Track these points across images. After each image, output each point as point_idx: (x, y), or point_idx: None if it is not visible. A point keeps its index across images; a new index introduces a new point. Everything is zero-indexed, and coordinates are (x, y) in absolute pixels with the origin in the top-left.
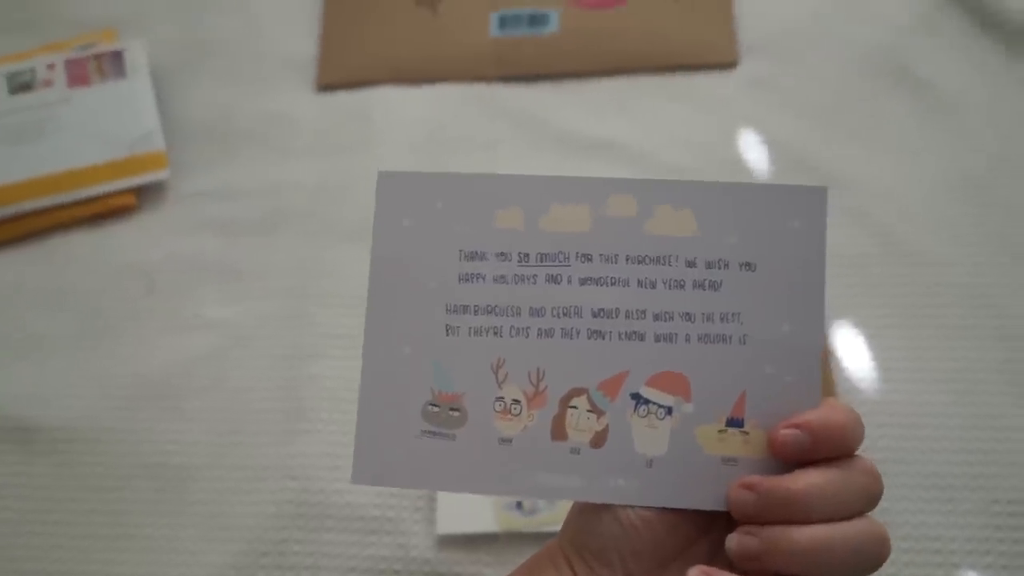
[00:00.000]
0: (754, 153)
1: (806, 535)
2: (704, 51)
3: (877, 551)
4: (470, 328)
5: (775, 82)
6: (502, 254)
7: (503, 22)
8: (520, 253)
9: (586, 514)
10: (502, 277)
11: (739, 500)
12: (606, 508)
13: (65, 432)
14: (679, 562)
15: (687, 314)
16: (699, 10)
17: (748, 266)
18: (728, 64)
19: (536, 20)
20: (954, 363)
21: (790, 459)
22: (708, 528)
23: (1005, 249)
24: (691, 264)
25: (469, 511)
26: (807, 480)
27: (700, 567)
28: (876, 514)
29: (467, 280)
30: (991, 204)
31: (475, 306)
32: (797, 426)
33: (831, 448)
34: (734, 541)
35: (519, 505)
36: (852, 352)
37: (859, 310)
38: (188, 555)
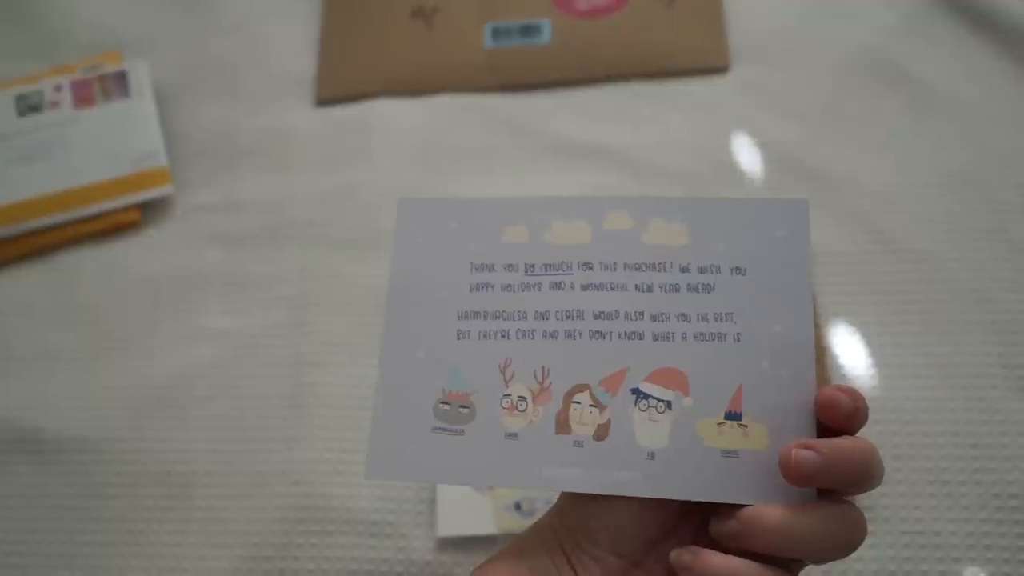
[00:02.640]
0: (748, 155)
1: (778, 514)
2: (696, 56)
3: (850, 534)
4: (480, 332)
5: (767, 85)
6: (510, 265)
7: (496, 33)
8: (526, 264)
9: (580, 499)
10: (509, 286)
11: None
12: (601, 495)
13: (73, 442)
14: (665, 543)
15: (683, 315)
16: (690, 16)
17: (739, 270)
18: (720, 69)
19: (529, 31)
20: (952, 358)
21: (798, 480)
22: (692, 512)
23: (999, 244)
24: (685, 269)
25: (468, 513)
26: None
27: (688, 547)
28: (878, 508)
29: (477, 289)
30: (984, 199)
31: (484, 312)
32: (811, 447)
33: (842, 480)
34: (716, 524)
35: (517, 506)
36: (849, 349)
37: (855, 307)
38: (194, 561)
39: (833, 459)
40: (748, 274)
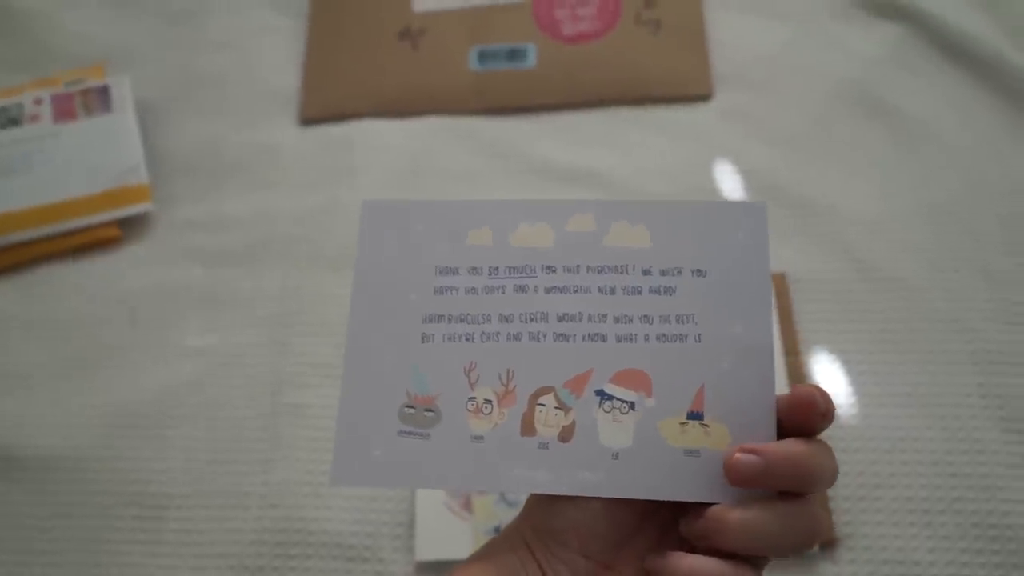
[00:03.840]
0: (730, 182)
1: (740, 513)
2: (680, 83)
3: (811, 529)
4: (444, 335)
5: (750, 112)
6: (474, 268)
7: (482, 57)
8: (490, 267)
9: (546, 500)
10: (473, 289)
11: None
12: (568, 496)
13: (46, 461)
14: (633, 543)
15: (645, 316)
16: (674, 43)
17: (699, 272)
18: (703, 96)
19: (515, 55)
20: (931, 387)
21: (741, 483)
22: (659, 511)
23: (978, 274)
24: (647, 272)
25: (447, 537)
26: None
27: (658, 552)
28: (858, 537)
29: (442, 292)
30: (963, 229)
31: (449, 315)
32: (754, 451)
33: (787, 482)
34: (687, 522)
35: (497, 530)
36: (828, 376)
37: (835, 335)
38: None
39: (776, 463)
40: (708, 276)
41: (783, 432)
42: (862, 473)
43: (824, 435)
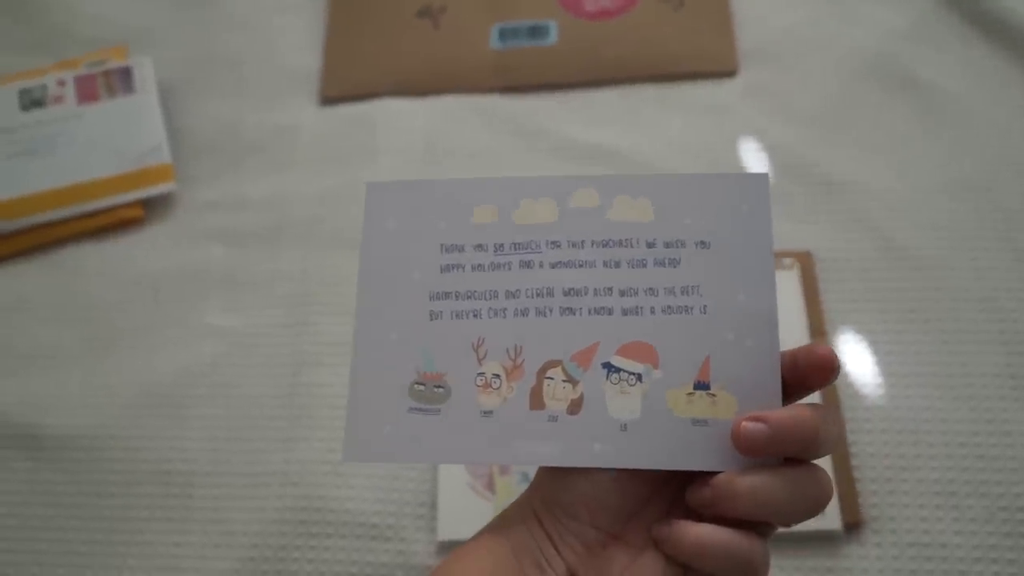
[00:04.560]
0: (755, 159)
1: (748, 480)
2: (704, 60)
3: (817, 496)
4: (452, 312)
5: (774, 89)
6: (479, 245)
7: (503, 34)
8: (495, 244)
9: (557, 473)
10: (480, 265)
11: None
12: (578, 468)
13: (72, 440)
14: (642, 514)
15: (650, 289)
16: (698, 19)
17: (703, 244)
18: (728, 72)
19: (536, 32)
20: (958, 368)
21: (749, 451)
22: (667, 482)
23: (1007, 252)
24: (651, 245)
25: (469, 516)
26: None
27: (664, 520)
28: (884, 519)
29: (448, 270)
30: (992, 206)
31: (456, 292)
32: (760, 419)
33: (794, 448)
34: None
35: None
36: (854, 356)
37: (861, 315)
38: (193, 560)
39: (782, 429)
40: (712, 247)
41: (787, 386)
42: (888, 455)
43: (850, 416)
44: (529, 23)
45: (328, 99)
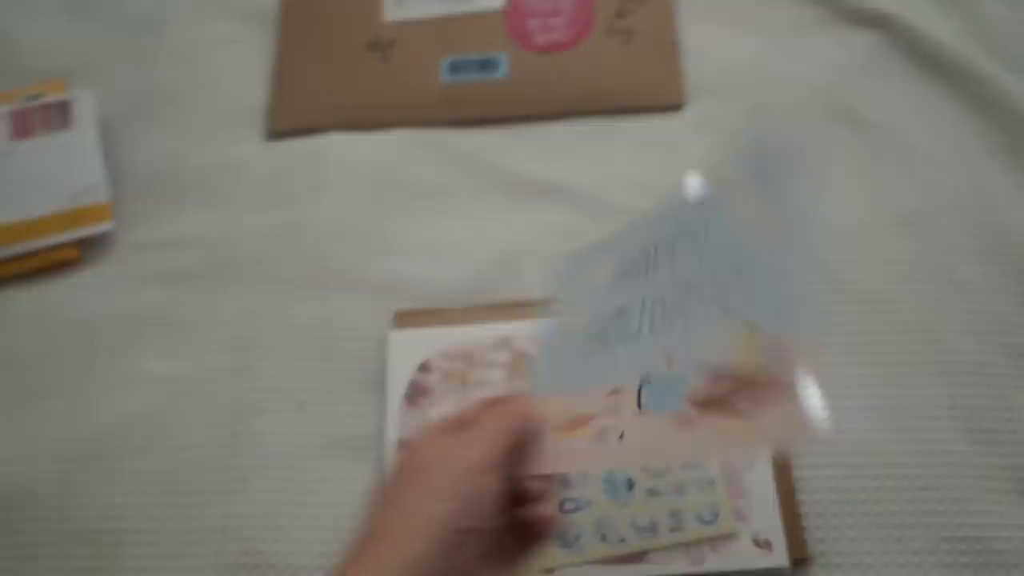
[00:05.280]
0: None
1: None
2: (652, 93)
3: None
4: None
5: (722, 122)
6: None
7: (454, 68)
8: None
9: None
10: None
11: None
12: None
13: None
14: None
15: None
16: (647, 52)
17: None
18: (676, 106)
19: (486, 65)
20: (900, 400)
21: None
22: None
23: (947, 284)
24: None
25: None
26: None
27: None
28: (830, 555)
29: None
30: (932, 240)
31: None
32: None
33: None
34: None
35: None
36: (800, 392)
37: None
38: None
39: None
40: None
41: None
42: (834, 488)
43: (795, 450)
44: (479, 56)
45: (275, 133)
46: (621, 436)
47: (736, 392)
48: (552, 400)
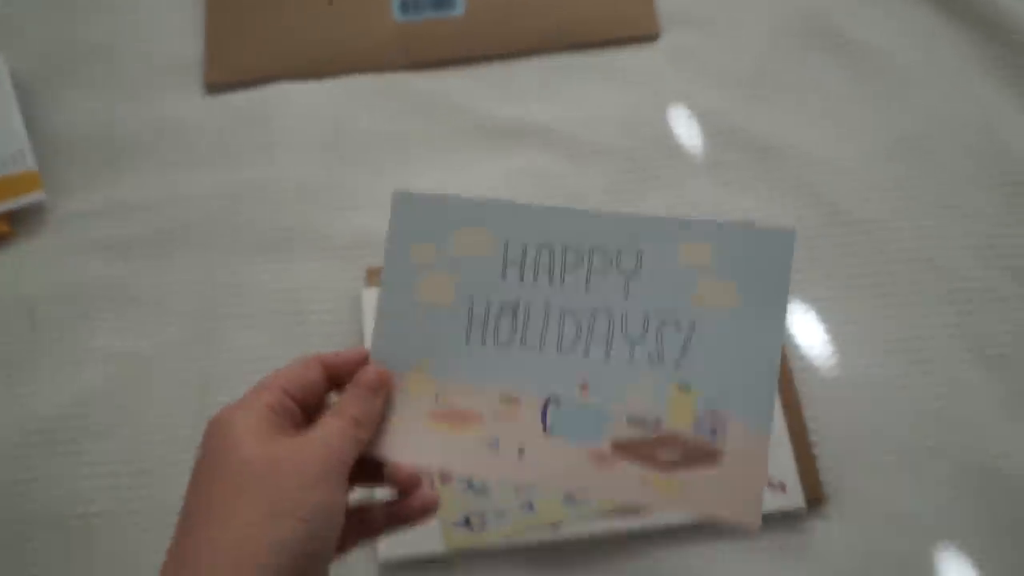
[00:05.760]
0: (686, 127)
1: None
2: (623, 24)
3: None
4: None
5: (700, 52)
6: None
7: (405, 6)
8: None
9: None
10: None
11: None
12: None
13: None
14: None
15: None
16: None
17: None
18: (650, 36)
19: (440, 2)
20: (909, 331)
21: None
22: None
23: (946, 209)
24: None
25: (413, 532)
26: None
27: None
28: (846, 491)
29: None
30: (930, 164)
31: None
32: None
33: None
34: None
35: (466, 521)
36: (804, 328)
37: (806, 284)
38: None
39: None
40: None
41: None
42: (846, 427)
43: (804, 390)
44: None
45: (214, 87)
46: (520, 452)
47: (660, 445)
48: (419, 379)
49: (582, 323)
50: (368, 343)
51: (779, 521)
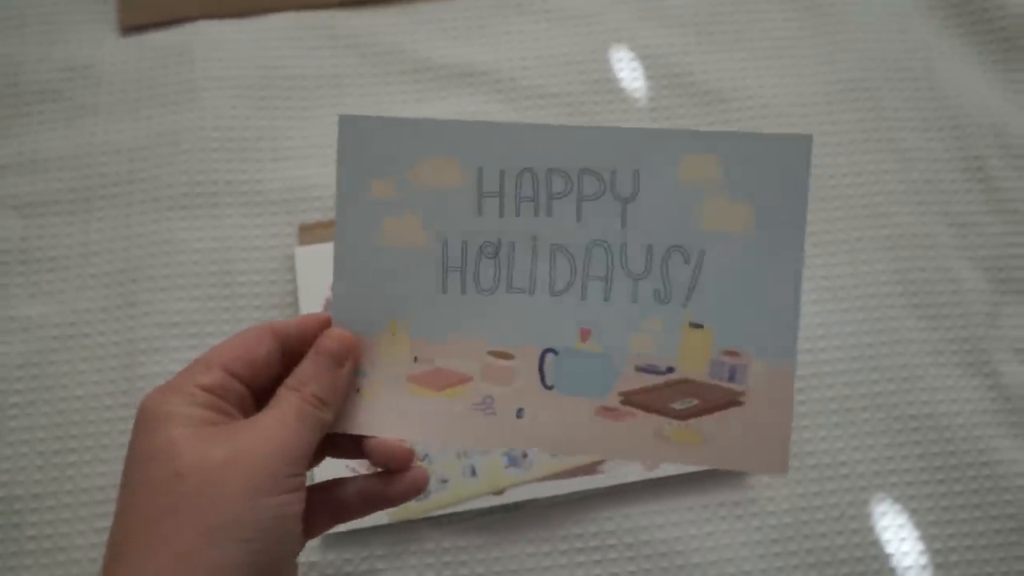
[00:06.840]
0: (630, 70)
1: None
2: None
3: None
4: None
5: None
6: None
7: None
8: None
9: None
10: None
11: None
12: None
13: None
14: None
15: None
16: None
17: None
18: None
19: None
20: (849, 278)
21: None
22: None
23: (890, 155)
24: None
25: None
26: None
27: None
28: (792, 443)
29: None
30: (875, 108)
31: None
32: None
33: None
34: None
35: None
36: None
37: None
38: None
39: None
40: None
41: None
42: None
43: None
44: None
45: (129, 27)
46: (519, 413)
47: (675, 393)
48: (391, 340)
49: (576, 260)
50: (304, 307)
51: (719, 478)
